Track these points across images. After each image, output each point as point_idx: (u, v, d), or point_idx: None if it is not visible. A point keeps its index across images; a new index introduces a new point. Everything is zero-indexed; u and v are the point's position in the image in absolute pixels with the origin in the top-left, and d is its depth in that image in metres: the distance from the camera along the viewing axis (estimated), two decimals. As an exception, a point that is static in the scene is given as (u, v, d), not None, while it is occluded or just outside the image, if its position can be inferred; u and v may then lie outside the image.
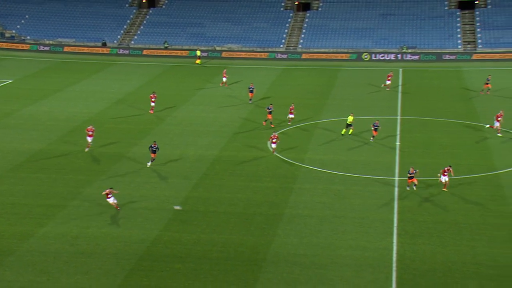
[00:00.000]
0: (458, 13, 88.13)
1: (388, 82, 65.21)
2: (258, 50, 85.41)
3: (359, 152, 46.53)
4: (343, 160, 44.86)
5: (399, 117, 55.18)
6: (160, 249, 32.34)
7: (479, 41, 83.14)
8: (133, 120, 55.20)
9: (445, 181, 38.43)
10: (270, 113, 51.96)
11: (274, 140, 45.22)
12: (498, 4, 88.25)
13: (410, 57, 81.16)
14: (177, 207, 36.07)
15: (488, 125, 50.69)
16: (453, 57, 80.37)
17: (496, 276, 29.51)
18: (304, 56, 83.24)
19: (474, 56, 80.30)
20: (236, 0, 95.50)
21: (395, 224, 34.75)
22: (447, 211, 36.21)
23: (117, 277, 29.70)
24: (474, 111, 56.98)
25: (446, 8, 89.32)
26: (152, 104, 56.58)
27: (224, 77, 67.47)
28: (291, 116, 52.64)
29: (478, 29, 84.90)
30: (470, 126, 52.48)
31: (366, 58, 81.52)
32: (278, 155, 45.34)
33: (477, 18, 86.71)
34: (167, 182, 41.17)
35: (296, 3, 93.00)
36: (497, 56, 79.93)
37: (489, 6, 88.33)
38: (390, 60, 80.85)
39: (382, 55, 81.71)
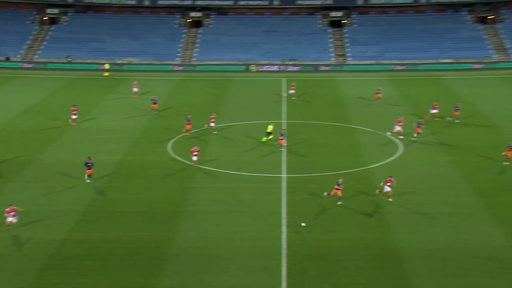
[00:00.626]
0: (329, 31, 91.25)
1: (292, 91, 66.07)
2: (156, 63, 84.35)
3: (250, 153, 47.00)
4: (236, 160, 45.15)
5: (284, 121, 56.32)
6: (70, 248, 31.20)
7: (348, 54, 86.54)
8: (39, 129, 52.82)
9: (389, 190, 37.25)
10: (189, 123, 50.80)
11: (195, 153, 43.03)
12: (362, 23, 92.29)
13: (292, 68, 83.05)
14: (303, 224, 33.91)
15: (389, 132, 50.59)
16: (328, 68, 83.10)
17: (369, 257, 30.78)
18: (198, 68, 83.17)
19: (345, 67, 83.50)
20: (134, 17, 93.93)
21: (284, 216, 35.43)
22: (328, 203, 37.27)
23: (28, 276, 28.40)
24: (347, 115, 59.08)
25: (320, 26, 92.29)
26: (74, 116, 54.08)
27: (135, 87, 66.03)
28: (212, 124, 51.85)
29: (347, 44, 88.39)
30: (344, 128, 54.43)
31: (253, 69, 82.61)
32: (175, 156, 44.95)
33: (346, 35, 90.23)
34: (74, 186, 39.72)
35: (189, 20, 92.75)
36: (364, 67, 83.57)
37: (355, 25, 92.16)
38: (274, 71, 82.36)
39: (268, 66, 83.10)
